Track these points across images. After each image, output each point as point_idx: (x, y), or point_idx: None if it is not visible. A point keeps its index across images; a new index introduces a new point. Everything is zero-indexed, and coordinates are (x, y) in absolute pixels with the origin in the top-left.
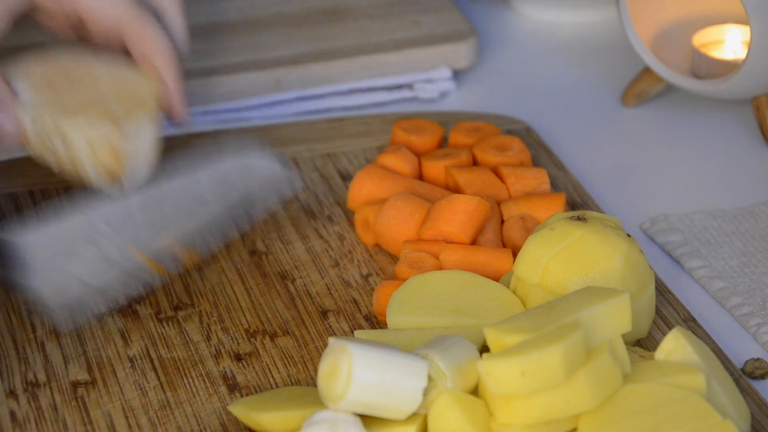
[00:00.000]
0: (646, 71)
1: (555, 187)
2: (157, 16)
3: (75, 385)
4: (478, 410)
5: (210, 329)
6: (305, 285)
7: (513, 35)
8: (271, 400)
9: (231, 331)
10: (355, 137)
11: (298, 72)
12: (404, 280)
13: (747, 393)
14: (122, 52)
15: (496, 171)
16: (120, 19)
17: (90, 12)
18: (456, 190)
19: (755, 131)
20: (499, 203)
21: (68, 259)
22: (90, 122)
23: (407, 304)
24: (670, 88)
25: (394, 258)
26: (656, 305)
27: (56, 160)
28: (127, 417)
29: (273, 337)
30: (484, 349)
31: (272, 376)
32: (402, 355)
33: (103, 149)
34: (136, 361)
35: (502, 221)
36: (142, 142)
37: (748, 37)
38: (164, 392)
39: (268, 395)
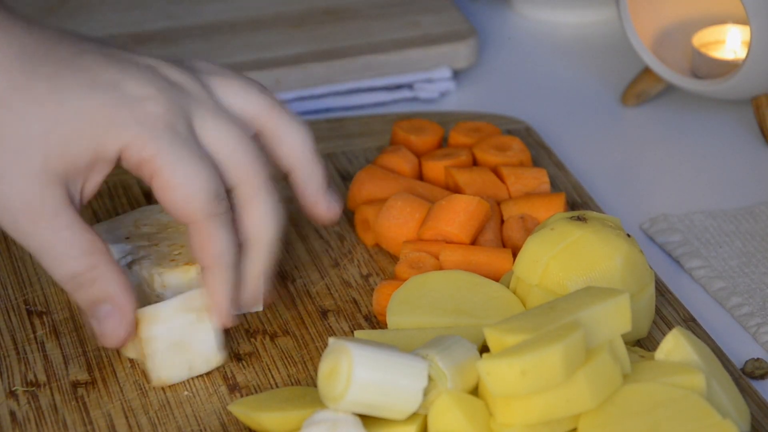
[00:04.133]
0: (646, 71)
1: (555, 187)
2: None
3: (75, 385)
4: (478, 410)
5: None
6: (305, 285)
7: (513, 35)
8: (271, 400)
9: (231, 331)
10: (355, 137)
11: (298, 72)
12: (404, 280)
13: (747, 393)
14: None
15: (496, 171)
16: (192, 216)
17: (165, 196)
18: (456, 190)
19: (755, 131)
20: (499, 203)
21: None
22: (186, 271)
23: (407, 304)
24: (670, 88)
25: (394, 258)
26: (656, 305)
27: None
28: (127, 417)
29: (273, 337)
30: (484, 349)
31: (272, 376)
32: (402, 355)
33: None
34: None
35: (502, 221)
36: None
37: (748, 37)
38: (164, 392)
39: (268, 395)
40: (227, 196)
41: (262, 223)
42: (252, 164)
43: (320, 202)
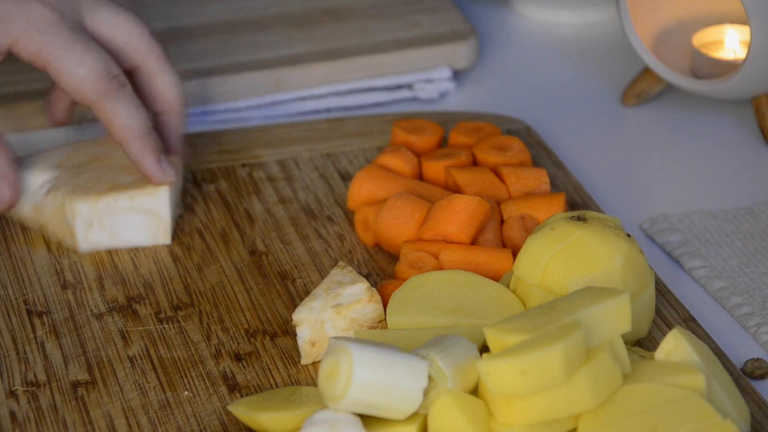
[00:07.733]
0: (646, 71)
1: (555, 187)
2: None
3: (75, 385)
4: (478, 410)
5: (210, 329)
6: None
7: (513, 35)
8: (271, 400)
9: (231, 331)
10: (355, 137)
11: (298, 72)
12: (404, 280)
13: (747, 393)
14: None
15: (496, 171)
16: (87, 97)
17: (61, 83)
18: (456, 190)
19: (755, 131)
20: (499, 203)
21: None
22: (95, 201)
23: (407, 304)
24: (670, 88)
25: (394, 258)
26: (656, 305)
27: (60, 232)
28: (127, 417)
29: (273, 337)
30: (484, 349)
31: (272, 376)
32: (402, 355)
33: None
34: (136, 361)
35: (502, 221)
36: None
37: (747, 37)
38: (164, 392)
39: (268, 395)
40: (127, 76)
41: (169, 90)
42: (148, 42)
43: (172, 150)
